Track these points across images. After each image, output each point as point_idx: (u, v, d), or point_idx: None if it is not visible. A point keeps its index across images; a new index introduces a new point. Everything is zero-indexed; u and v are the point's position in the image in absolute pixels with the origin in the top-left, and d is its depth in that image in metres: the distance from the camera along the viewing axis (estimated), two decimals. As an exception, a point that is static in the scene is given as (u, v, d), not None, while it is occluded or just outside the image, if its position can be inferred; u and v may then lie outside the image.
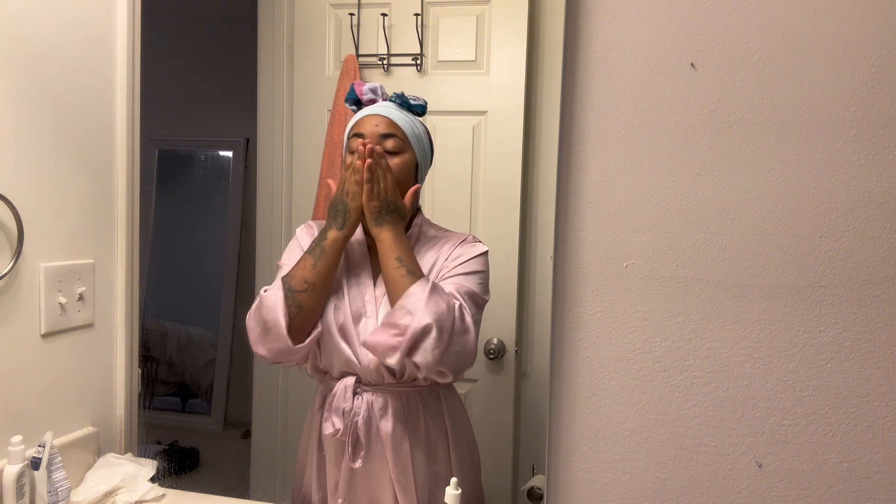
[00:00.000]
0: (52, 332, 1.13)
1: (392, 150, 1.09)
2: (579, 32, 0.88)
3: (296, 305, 1.04)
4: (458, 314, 1.00)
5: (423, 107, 1.17)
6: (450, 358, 0.98)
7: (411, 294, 0.98)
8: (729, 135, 0.85)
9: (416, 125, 1.15)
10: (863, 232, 0.83)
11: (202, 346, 2.28)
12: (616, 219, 0.89)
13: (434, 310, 0.96)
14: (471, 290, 1.07)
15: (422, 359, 0.96)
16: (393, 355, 0.97)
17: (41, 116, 1.10)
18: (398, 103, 1.15)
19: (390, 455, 1.07)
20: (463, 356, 1.01)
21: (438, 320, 0.96)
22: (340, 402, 1.07)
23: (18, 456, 0.99)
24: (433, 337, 0.95)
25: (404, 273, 1.02)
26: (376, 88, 1.15)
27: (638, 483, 0.91)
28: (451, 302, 1.00)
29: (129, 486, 1.13)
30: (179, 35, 1.98)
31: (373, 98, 1.15)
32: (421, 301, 0.97)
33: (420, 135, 1.15)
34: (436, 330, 0.95)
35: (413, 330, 0.95)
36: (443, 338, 0.96)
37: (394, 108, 1.13)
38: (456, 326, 0.99)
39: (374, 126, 1.11)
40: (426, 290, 0.98)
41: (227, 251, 2.19)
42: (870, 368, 0.84)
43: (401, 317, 0.98)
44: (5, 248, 1.05)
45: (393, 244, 1.04)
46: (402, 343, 0.96)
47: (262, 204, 1.68)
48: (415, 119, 1.15)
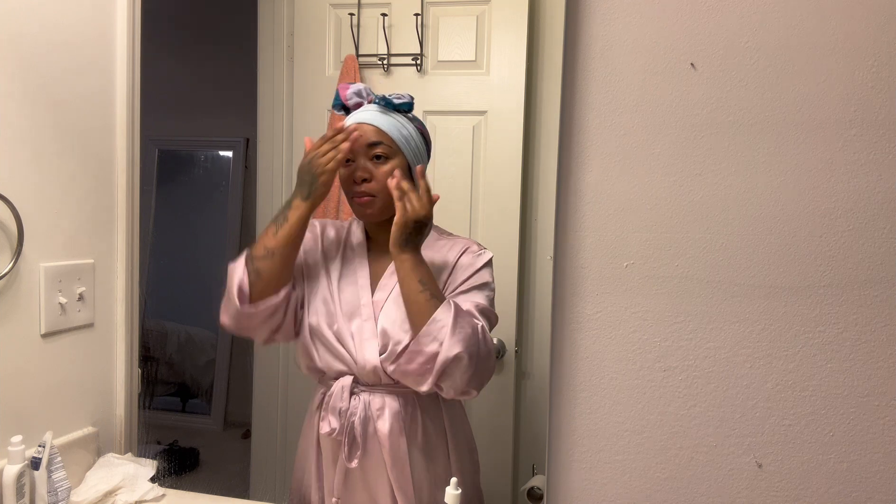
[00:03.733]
0: (52, 332, 1.13)
1: (380, 156, 1.09)
2: (579, 32, 0.88)
3: (254, 271, 1.06)
4: (482, 337, 1.02)
5: (408, 104, 1.13)
6: (476, 381, 1.02)
7: (437, 321, 0.99)
8: (729, 135, 0.85)
9: (404, 126, 1.12)
10: (863, 232, 0.83)
11: (202, 346, 2.28)
12: (616, 219, 0.89)
13: (461, 337, 0.99)
14: (485, 307, 1.08)
15: (450, 384, 1.00)
16: (423, 383, 1.01)
17: (41, 116, 1.10)
18: (383, 105, 1.12)
19: (388, 455, 1.07)
20: (486, 376, 1.04)
21: (467, 348, 0.98)
22: (337, 401, 1.07)
23: (18, 456, 0.99)
24: (464, 364, 0.98)
25: (428, 297, 1.02)
26: (360, 91, 1.13)
27: (638, 483, 0.91)
28: (475, 324, 1.02)
29: (129, 486, 1.13)
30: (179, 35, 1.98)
31: (358, 101, 1.13)
32: (447, 328, 0.98)
33: (409, 136, 1.12)
34: (467, 358, 0.98)
35: (443, 359, 0.98)
36: (472, 363, 0.99)
37: (378, 113, 1.11)
38: (482, 350, 1.01)
39: (357, 136, 1.09)
40: (451, 315, 0.99)
41: (227, 251, 2.19)
42: (870, 368, 0.84)
43: (427, 344, 0.99)
44: (5, 248, 1.05)
45: (415, 267, 1.04)
46: (431, 370, 0.99)
47: (262, 204, 1.68)
48: (402, 119, 1.12)
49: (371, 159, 1.09)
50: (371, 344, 1.07)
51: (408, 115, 1.14)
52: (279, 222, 1.07)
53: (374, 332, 1.07)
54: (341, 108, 1.15)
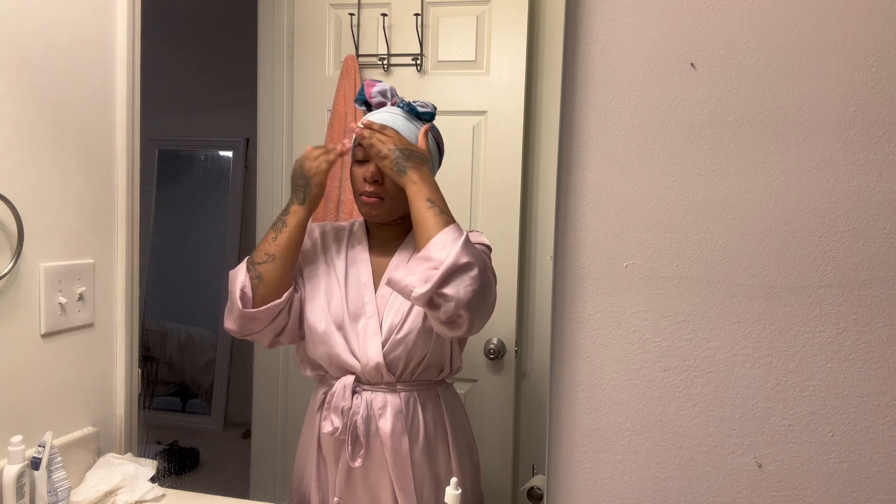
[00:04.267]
0: (52, 332, 1.13)
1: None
2: (579, 32, 0.88)
3: (256, 276, 1.07)
4: (489, 265, 1.01)
5: (431, 114, 1.14)
6: (476, 301, 0.95)
7: (447, 233, 0.96)
8: (729, 135, 0.86)
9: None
10: (863, 232, 0.83)
11: (202, 346, 2.28)
12: (616, 219, 0.89)
13: (472, 252, 0.96)
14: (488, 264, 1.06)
15: (454, 291, 0.93)
16: (423, 285, 0.93)
17: (41, 116, 1.10)
18: (406, 110, 1.12)
19: (389, 454, 1.07)
20: (486, 306, 1.00)
21: (476, 260, 0.95)
22: (339, 401, 1.07)
23: (18, 456, 0.99)
24: (471, 274, 0.94)
25: (437, 212, 0.99)
26: (386, 91, 1.13)
27: (638, 483, 0.91)
28: (482, 250, 1.03)
29: (129, 486, 1.13)
30: (179, 35, 1.98)
31: (382, 101, 1.13)
32: (458, 241, 0.95)
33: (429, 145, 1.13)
34: (476, 269, 0.94)
35: (451, 262, 0.92)
36: (478, 277, 0.95)
37: (400, 117, 1.11)
38: (487, 274, 0.99)
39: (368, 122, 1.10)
40: (462, 234, 0.97)
41: (227, 251, 2.19)
42: (870, 368, 0.84)
43: (436, 251, 0.95)
44: (5, 248, 1.05)
45: (422, 186, 1.01)
46: (436, 274, 0.92)
47: (262, 204, 1.68)
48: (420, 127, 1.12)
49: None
50: (374, 341, 1.07)
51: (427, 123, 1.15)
52: (278, 227, 1.08)
53: (378, 329, 1.08)
54: (364, 103, 1.15)
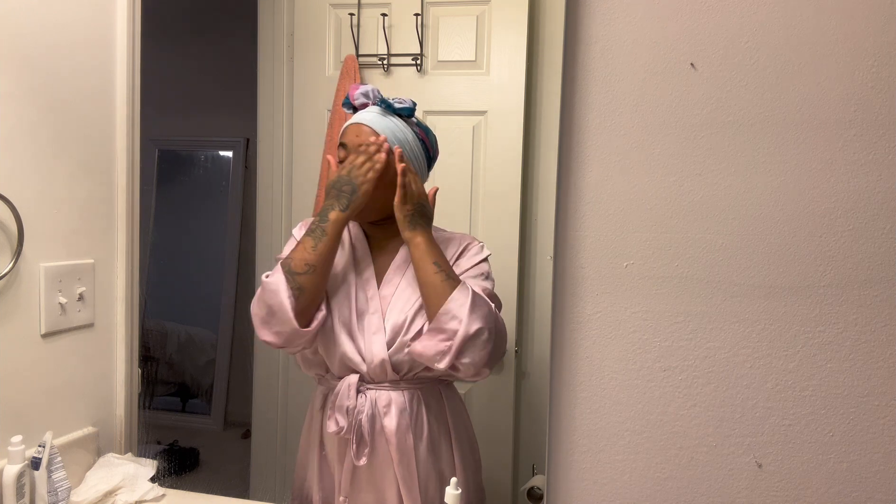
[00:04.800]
0: (52, 332, 1.13)
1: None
2: (579, 32, 0.88)
3: (297, 288, 1.03)
4: (496, 315, 1.04)
5: (409, 109, 1.14)
6: (494, 358, 1.03)
7: (455, 299, 1.01)
8: (729, 135, 0.85)
9: (400, 129, 1.12)
10: (863, 232, 0.83)
11: (202, 346, 2.28)
12: (616, 219, 0.89)
13: (481, 314, 1.00)
14: (491, 292, 1.10)
15: (470, 360, 1.00)
16: (443, 360, 1.00)
17: (41, 116, 1.10)
18: (383, 108, 1.13)
19: (395, 452, 1.07)
20: (500, 355, 1.06)
21: (486, 323, 1.00)
22: (344, 399, 1.07)
23: (18, 456, 0.99)
24: (483, 339, 1.00)
25: (444, 278, 1.03)
26: (368, 92, 1.14)
27: (638, 483, 0.91)
28: (490, 304, 1.04)
29: (129, 486, 1.13)
30: (179, 35, 1.98)
31: (364, 102, 1.14)
32: (466, 306, 1.00)
33: (405, 139, 1.12)
34: (487, 333, 1.00)
35: (463, 334, 0.98)
36: (490, 338, 1.01)
37: (378, 115, 1.12)
38: (499, 327, 1.04)
39: (355, 136, 1.11)
40: (469, 295, 1.01)
41: (227, 251, 2.19)
42: (870, 368, 0.84)
43: (447, 322, 1.00)
44: (5, 248, 1.05)
45: (428, 249, 1.06)
46: (451, 347, 0.99)
47: (262, 204, 1.68)
48: (400, 123, 1.13)
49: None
50: (378, 338, 1.07)
51: (409, 119, 1.15)
52: (317, 236, 1.05)
53: (381, 325, 1.08)
54: (350, 106, 1.16)
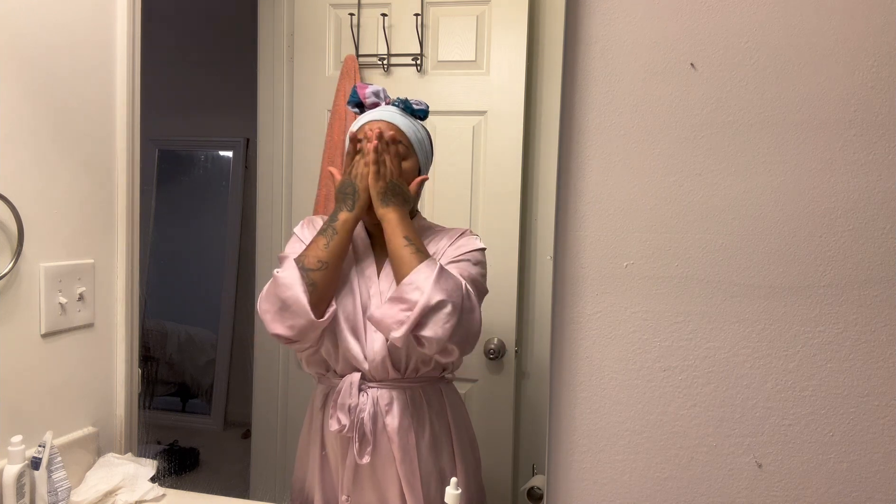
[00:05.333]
0: (53, 332, 1.13)
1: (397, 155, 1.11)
2: (579, 32, 0.88)
3: (310, 283, 1.04)
4: (466, 293, 1.02)
5: (425, 111, 1.18)
6: (459, 334, 0.99)
7: (420, 271, 1.00)
8: (729, 135, 0.86)
9: (419, 130, 1.16)
10: (863, 232, 0.83)
11: (202, 346, 2.28)
12: (616, 219, 0.89)
13: (444, 287, 0.98)
14: (474, 276, 1.09)
15: (432, 333, 0.97)
16: (399, 329, 0.98)
17: (41, 116, 1.10)
18: (402, 108, 1.15)
19: (397, 450, 1.08)
20: (470, 334, 1.03)
21: (449, 296, 0.98)
22: (346, 398, 1.07)
23: (18, 456, 0.99)
24: (445, 311, 0.97)
25: (413, 251, 1.03)
26: (379, 92, 1.16)
27: (638, 483, 0.91)
28: (459, 281, 1.02)
29: (129, 485, 1.13)
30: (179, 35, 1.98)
31: (375, 101, 1.16)
32: (430, 278, 0.98)
33: (422, 139, 1.16)
34: (450, 305, 0.97)
35: (423, 305, 0.97)
36: (454, 313, 0.98)
37: (398, 114, 1.14)
38: (465, 304, 1.01)
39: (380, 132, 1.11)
40: (435, 268, 1.00)
41: (227, 251, 2.19)
42: (870, 368, 0.84)
43: (409, 292, 0.99)
44: (5, 248, 1.05)
45: (400, 223, 1.06)
46: (409, 318, 0.97)
47: (262, 204, 1.68)
48: (417, 123, 1.16)
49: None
50: (379, 335, 1.07)
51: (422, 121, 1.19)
52: (329, 235, 1.07)
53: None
54: (357, 105, 1.17)
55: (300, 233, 1.19)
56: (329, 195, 1.53)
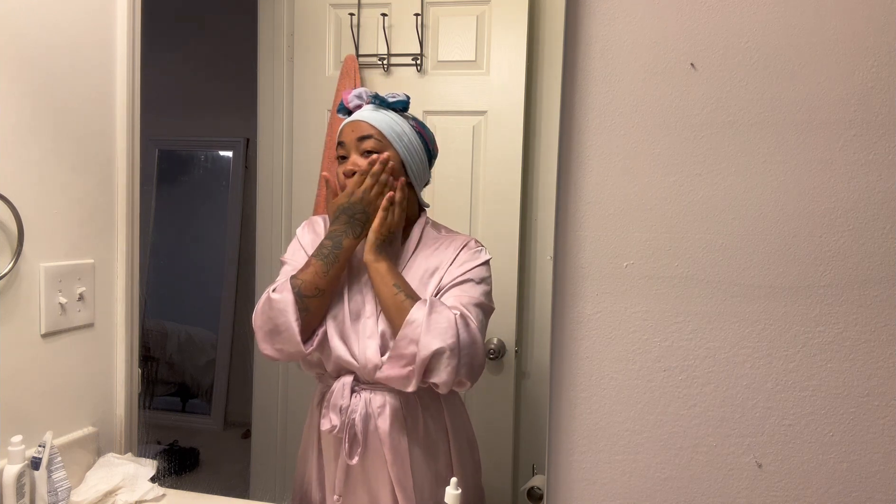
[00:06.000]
0: (53, 332, 1.13)
1: (370, 150, 1.10)
2: (579, 32, 0.88)
3: (304, 308, 1.06)
4: (461, 326, 1.01)
5: (403, 102, 1.15)
6: (464, 370, 1.01)
7: (411, 322, 1.01)
8: (729, 135, 0.85)
9: (397, 123, 1.13)
10: (863, 232, 0.83)
11: (202, 346, 2.28)
12: (616, 219, 0.89)
13: (437, 332, 0.99)
14: (478, 300, 1.09)
15: (439, 379, 1.00)
16: (409, 384, 1.02)
17: (41, 116, 1.10)
18: (376, 104, 1.14)
19: (388, 453, 1.07)
20: (475, 365, 1.04)
21: (444, 340, 0.99)
22: (338, 399, 1.07)
23: (18, 456, 0.99)
24: (445, 357, 0.99)
25: (403, 298, 1.04)
26: (361, 93, 1.15)
27: (638, 483, 0.91)
28: (450, 316, 1.01)
29: (129, 485, 1.13)
30: (179, 35, 1.98)
31: (358, 103, 1.15)
32: (421, 327, 1.00)
33: (402, 132, 1.13)
34: (448, 351, 0.99)
35: (422, 358, 0.99)
36: (454, 354, 0.99)
37: (371, 110, 1.13)
38: (462, 339, 1.01)
39: (350, 132, 1.12)
40: (424, 313, 1.01)
41: (227, 251, 2.19)
42: (870, 368, 0.84)
43: (405, 347, 1.01)
44: (5, 248, 1.05)
45: (389, 272, 1.07)
46: (413, 372, 1.00)
47: (262, 204, 1.68)
48: (396, 117, 1.14)
49: (362, 154, 1.11)
50: (373, 342, 1.07)
51: (403, 113, 1.16)
52: (329, 261, 1.07)
53: (375, 329, 1.08)
54: (345, 111, 1.18)
55: (301, 236, 1.19)
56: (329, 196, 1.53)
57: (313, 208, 1.57)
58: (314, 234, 1.19)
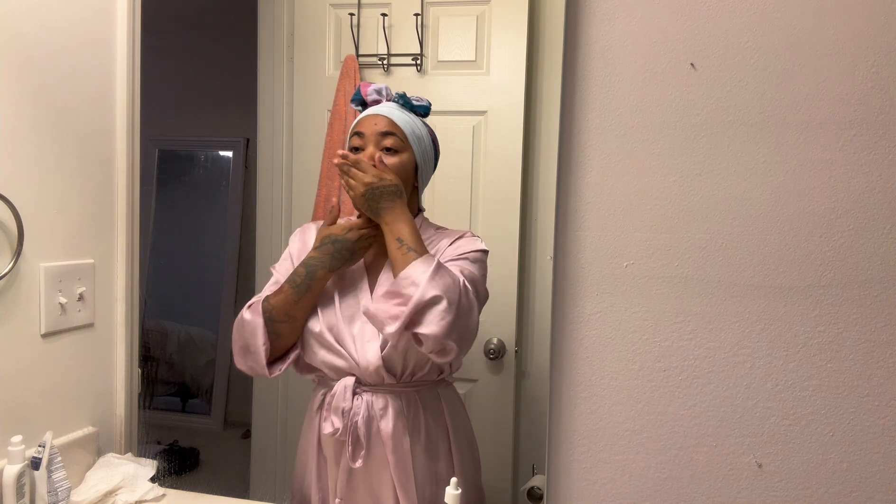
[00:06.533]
0: (52, 332, 1.13)
1: (391, 148, 1.10)
2: (579, 32, 0.88)
3: (275, 333, 1.08)
4: (464, 289, 1.00)
5: (426, 108, 1.17)
6: (456, 331, 0.96)
7: (415, 266, 0.98)
8: (729, 135, 0.85)
9: (418, 126, 1.14)
10: (863, 232, 0.83)
11: (202, 346, 2.28)
12: (616, 219, 0.89)
13: (440, 283, 0.96)
14: (473, 274, 1.07)
15: (428, 330, 0.94)
16: (392, 324, 0.96)
17: (41, 116, 1.10)
18: (400, 104, 1.15)
19: (391, 455, 1.07)
20: (468, 332, 1.00)
21: (445, 292, 0.95)
22: (340, 401, 1.07)
23: (18, 456, 0.99)
24: (441, 307, 0.94)
25: (405, 251, 1.02)
26: (381, 89, 1.16)
27: (638, 483, 0.91)
28: (456, 277, 1.00)
29: (129, 485, 1.13)
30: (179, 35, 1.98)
31: (377, 99, 1.16)
32: (426, 273, 0.96)
33: (421, 136, 1.14)
34: (445, 301, 0.95)
35: (417, 299, 0.94)
36: (451, 309, 0.95)
37: (395, 108, 1.14)
38: (462, 301, 0.98)
39: (373, 125, 1.11)
40: (431, 264, 0.98)
41: (227, 251, 2.19)
42: (870, 368, 0.84)
43: (405, 287, 0.97)
44: (5, 248, 1.05)
45: (393, 226, 1.05)
46: (404, 312, 0.95)
47: (262, 204, 1.68)
48: (416, 120, 1.15)
49: (381, 150, 1.10)
50: (372, 345, 1.07)
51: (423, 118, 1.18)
52: (301, 290, 1.07)
53: (375, 332, 1.07)
54: (360, 103, 1.17)
55: (291, 244, 1.20)
56: (329, 196, 1.53)
57: (313, 208, 1.57)
58: (303, 244, 1.17)
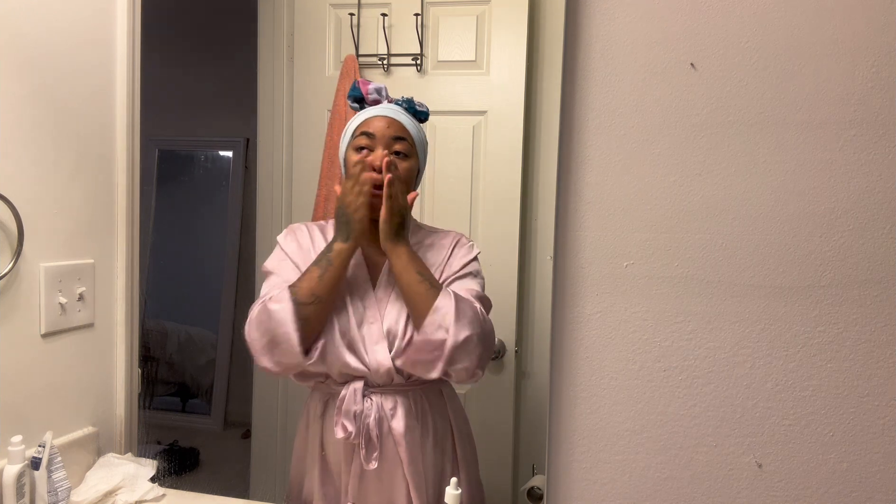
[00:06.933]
0: (52, 332, 1.13)
1: (400, 152, 1.10)
2: (579, 32, 0.88)
3: (303, 318, 1.01)
4: (482, 317, 1.04)
5: (426, 114, 1.18)
6: (484, 361, 1.04)
7: (440, 309, 1.01)
8: (729, 135, 0.85)
9: (422, 132, 1.16)
10: (863, 232, 0.83)
11: (202, 346, 2.28)
12: (616, 219, 0.89)
13: (467, 321, 1.01)
14: (480, 294, 1.10)
15: (461, 367, 1.01)
16: (432, 370, 1.02)
17: (41, 116, 1.10)
18: (405, 108, 1.14)
19: (404, 454, 1.07)
20: (489, 356, 1.07)
21: (472, 328, 1.01)
22: (350, 405, 1.05)
23: (18, 456, 0.99)
24: (473, 345, 1.01)
25: (427, 287, 1.03)
26: (381, 89, 1.15)
27: (638, 483, 0.91)
28: (475, 307, 1.04)
29: (129, 485, 1.13)
30: (179, 35, 1.98)
31: (377, 98, 1.14)
32: (451, 314, 1.00)
33: (423, 143, 1.16)
34: (476, 339, 1.01)
35: (452, 344, 0.99)
36: (480, 343, 1.01)
37: (402, 112, 1.13)
38: (485, 330, 1.04)
39: (385, 127, 1.10)
40: (452, 302, 1.01)
41: (227, 251, 2.19)
42: (870, 368, 0.84)
43: (434, 333, 1.01)
44: (5, 248, 1.05)
45: (411, 260, 1.06)
46: (441, 357, 1.01)
47: (262, 204, 1.68)
48: (420, 126, 1.16)
49: (391, 154, 1.09)
50: (381, 346, 1.07)
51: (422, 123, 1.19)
52: (322, 266, 1.04)
53: (382, 333, 1.07)
54: (357, 100, 1.16)
55: (284, 243, 1.15)
56: (329, 196, 1.53)
57: (313, 208, 1.57)
58: (297, 243, 1.15)
